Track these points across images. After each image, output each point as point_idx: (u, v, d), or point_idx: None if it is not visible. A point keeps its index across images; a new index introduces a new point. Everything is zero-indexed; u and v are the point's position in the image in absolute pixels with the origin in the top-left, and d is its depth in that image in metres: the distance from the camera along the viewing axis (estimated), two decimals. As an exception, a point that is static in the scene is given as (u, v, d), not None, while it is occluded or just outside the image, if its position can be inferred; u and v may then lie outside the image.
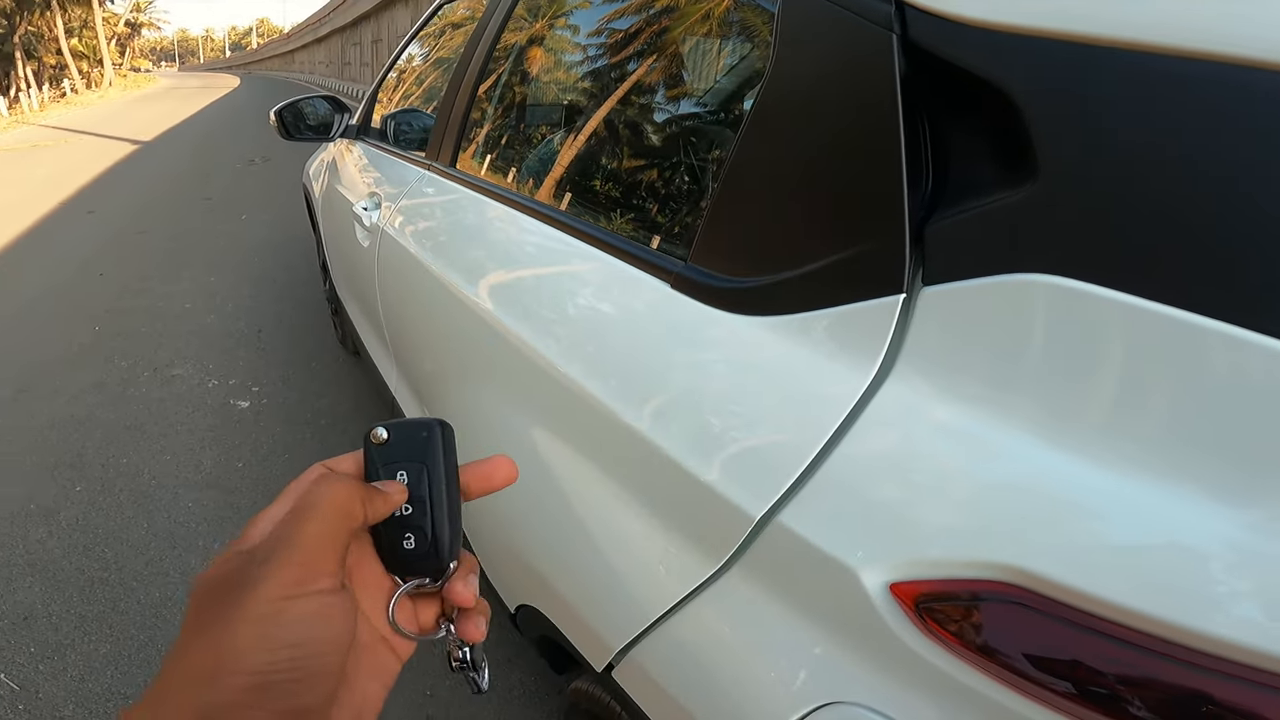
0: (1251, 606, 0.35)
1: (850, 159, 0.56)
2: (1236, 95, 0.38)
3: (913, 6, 0.51)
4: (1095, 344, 0.42)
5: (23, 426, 2.47)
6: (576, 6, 1.35)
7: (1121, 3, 0.43)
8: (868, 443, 0.51)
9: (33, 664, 1.52)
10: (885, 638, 0.47)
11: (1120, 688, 0.38)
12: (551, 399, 0.86)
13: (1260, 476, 0.36)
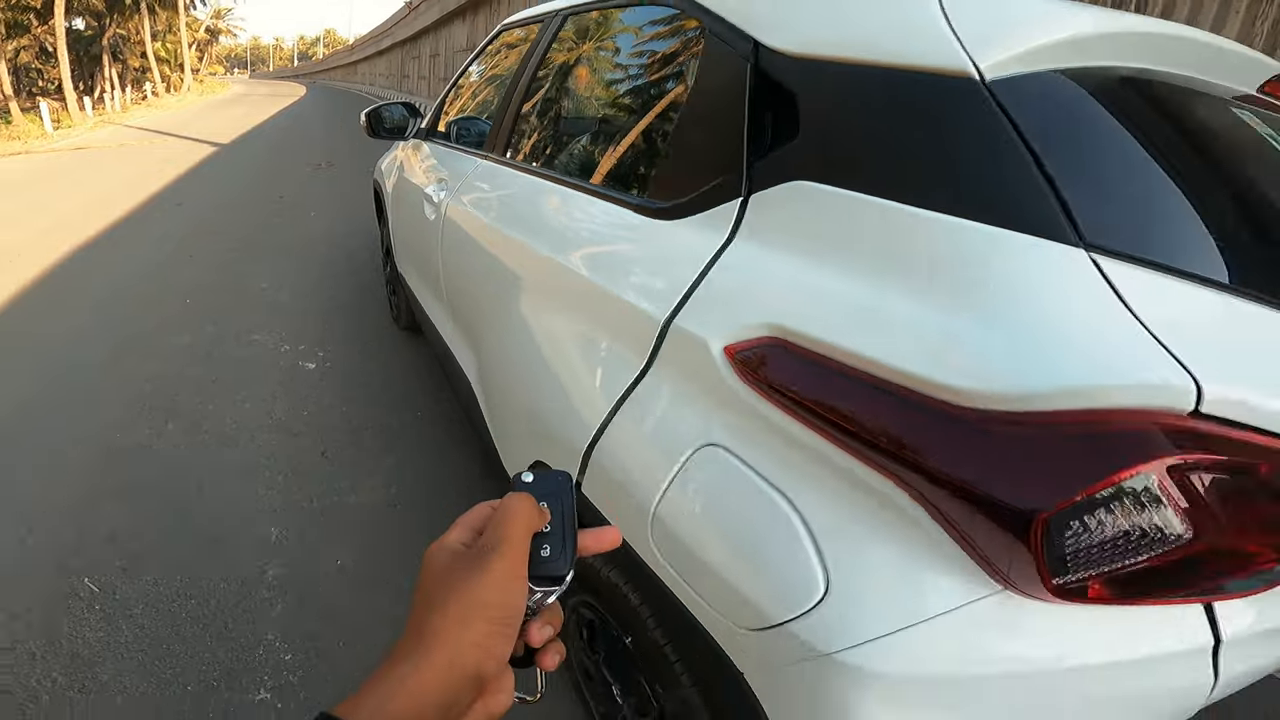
0: (910, 346, 0.67)
1: (723, 133, 0.96)
2: (884, 81, 0.78)
3: (760, 45, 0.93)
4: (825, 210, 0.80)
5: (125, 379, 2.93)
6: (583, 44, 1.75)
7: (839, 39, 0.85)
8: (722, 272, 0.89)
9: (116, 573, 1.81)
10: (727, 392, 0.82)
11: (837, 398, 0.71)
12: (548, 279, 1.31)
13: (921, 278, 0.69)
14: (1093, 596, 0.59)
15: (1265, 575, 0.61)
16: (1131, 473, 0.55)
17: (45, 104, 18.34)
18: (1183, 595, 0.62)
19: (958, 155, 0.71)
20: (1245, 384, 0.57)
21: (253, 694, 1.49)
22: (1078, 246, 0.63)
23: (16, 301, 3.78)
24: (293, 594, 1.77)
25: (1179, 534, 0.56)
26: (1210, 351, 0.58)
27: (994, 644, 0.64)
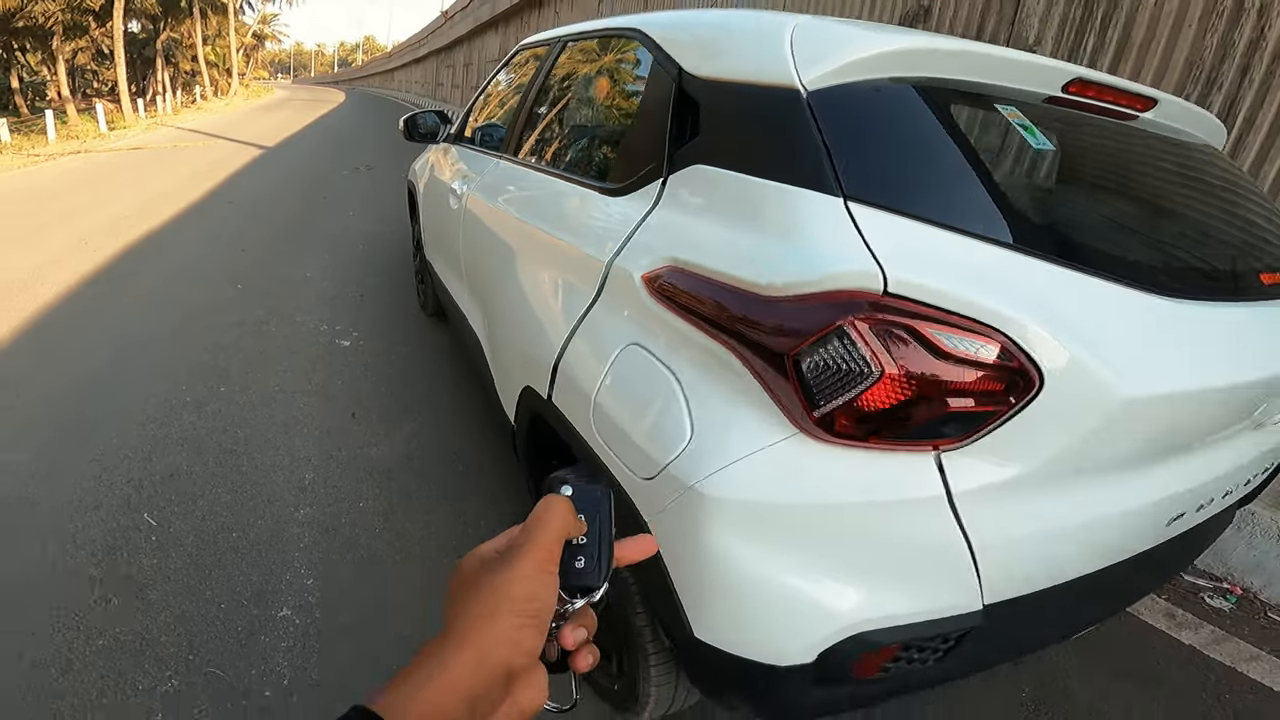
0: (743, 261, 0.99)
1: (655, 132, 1.30)
2: (749, 94, 1.11)
3: (683, 70, 1.28)
4: (710, 183, 1.13)
5: (184, 350, 3.34)
6: (575, 64, 2.12)
7: (728, 65, 1.19)
8: (646, 228, 1.23)
9: (172, 508, 2.13)
10: (644, 304, 1.15)
11: (702, 298, 1.03)
12: (534, 244, 1.71)
13: (754, 220, 1.02)
14: (840, 430, 0.89)
15: (956, 423, 0.88)
16: (837, 325, 0.87)
17: (101, 105, 19.37)
18: (906, 441, 0.90)
19: (784, 143, 1.04)
20: (920, 277, 0.87)
21: (276, 610, 1.78)
22: (838, 197, 0.95)
23: (92, 282, 4.26)
24: (319, 529, 2.10)
25: (874, 371, 0.86)
26: (904, 258, 0.89)
27: (791, 478, 0.93)
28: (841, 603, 0.95)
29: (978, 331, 0.86)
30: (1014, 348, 0.86)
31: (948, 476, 0.91)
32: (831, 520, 0.95)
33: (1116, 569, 1.18)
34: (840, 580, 0.96)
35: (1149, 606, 2.11)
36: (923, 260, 0.90)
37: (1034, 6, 3.38)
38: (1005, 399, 0.87)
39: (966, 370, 0.86)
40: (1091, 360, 0.88)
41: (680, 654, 1.16)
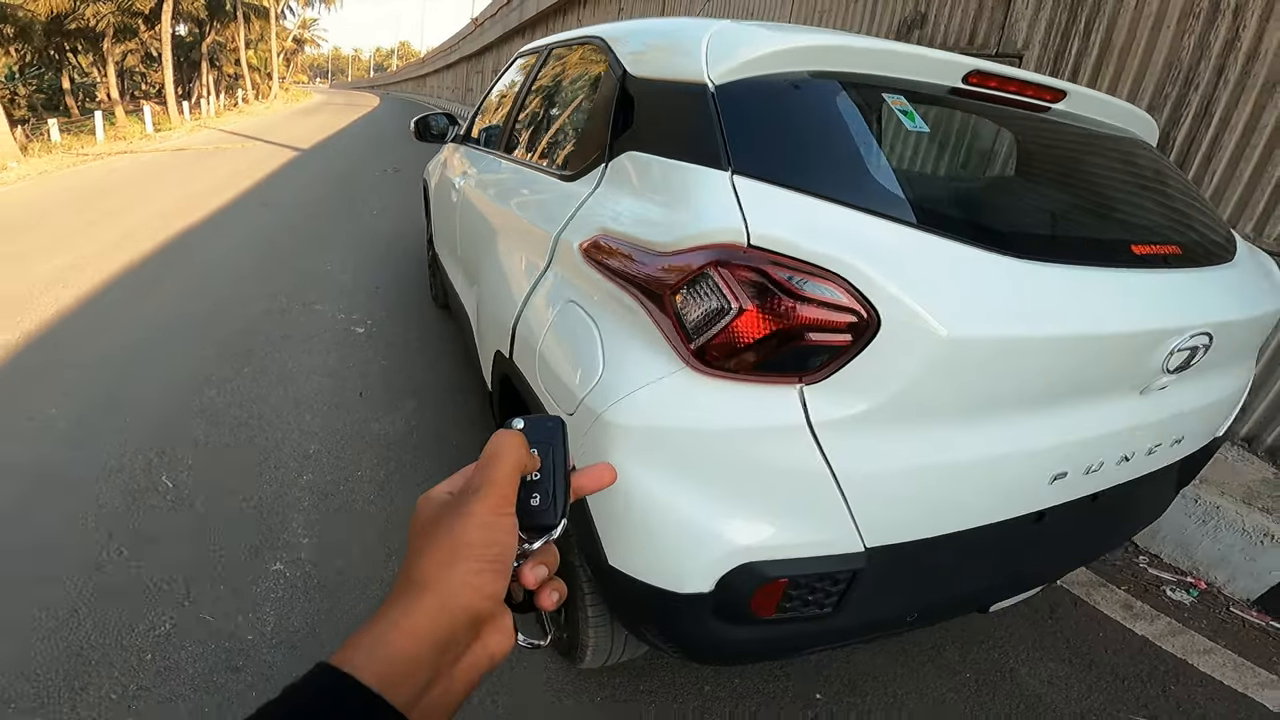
0: (650, 227, 1.17)
1: (601, 125, 1.47)
2: (669, 90, 1.30)
3: (626, 71, 1.46)
4: (637, 165, 1.31)
5: (211, 333, 3.60)
6: (554, 69, 2.31)
7: (657, 66, 1.37)
8: (586, 206, 1.40)
9: (188, 472, 2.35)
10: (580, 268, 1.32)
11: (617, 257, 1.21)
12: (508, 226, 1.92)
13: (663, 193, 1.20)
14: (713, 361, 1.03)
15: (811, 358, 1.02)
16: (703, 269, 1.04)
17: (148, 107, 20.20)
18: (772, 373, 1.04)
19: (694, 130, 1.21)
20: (779, 233, 1.02)
21: (270, 564, 1.96)
22: (726, 171, 1.12)
23: (135, 271, 4.58)
24: (318, 494, 2.30)
25: (733, 307, 1.01)
26: (769, 218, 1.04)
27: (678, 406, 1.08)
28: (730, 530, 1.09)
29: (823, 276, 1.00)
30: (853, 290, 1.00)
31: (809, 407, 1.05)
32: (714, 446, 1.08)
33: (1010, 532, 1.27)
34: (729, 508, 1.09)
35: (1106, 597, 2.16)
36: (785, 220, 1.05)
37: (1022, 12, 3.47)
38: (849, 336, 1.01)
39: (815, 309, 1.00)
40: (921, 304, 1.00)
41: (598, 583, 1.30)
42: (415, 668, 0.35)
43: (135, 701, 1.51)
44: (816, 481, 1.07)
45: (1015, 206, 1.43)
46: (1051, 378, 1.16)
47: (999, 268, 1.09)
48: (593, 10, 12.70)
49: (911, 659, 1.83)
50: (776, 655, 1.54)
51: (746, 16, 6.68)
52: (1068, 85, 1.46)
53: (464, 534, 0.38)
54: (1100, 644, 1.97)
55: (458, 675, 0.37)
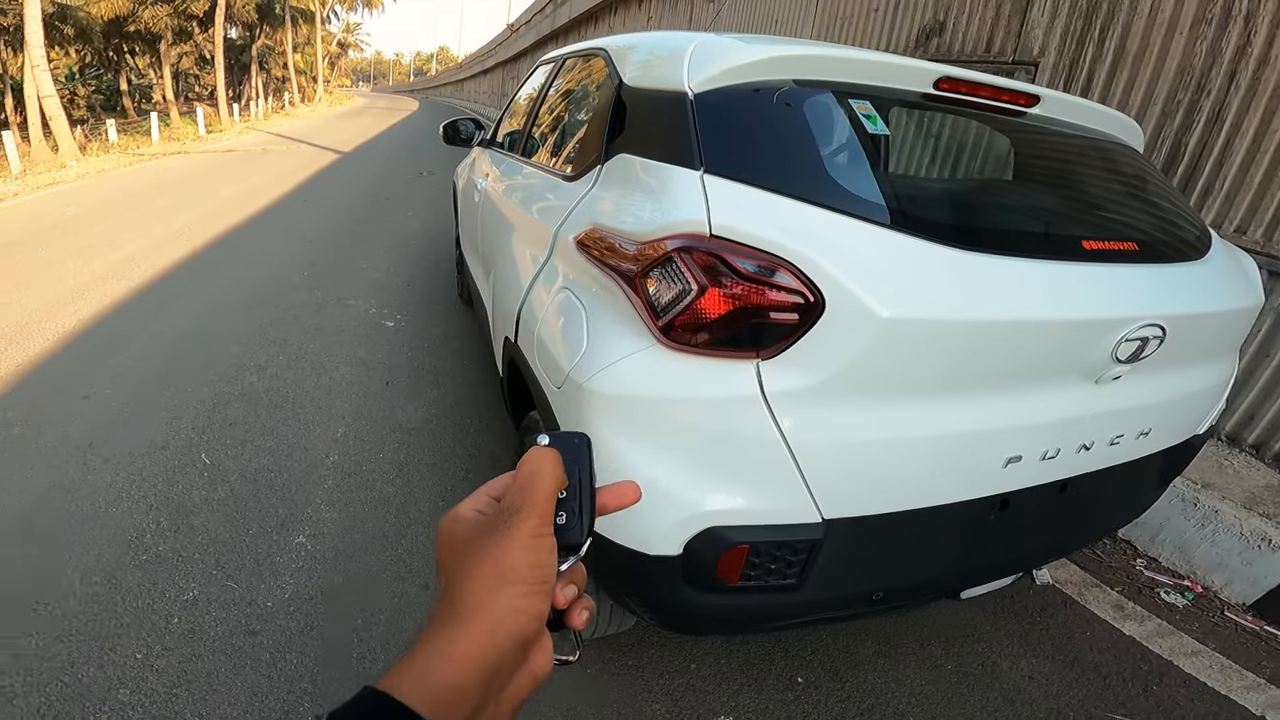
0: (633, 220, 1.30)
1: (596, 131, 1.62)
2: (654, 98, 1.43)
3: (622, 80, 1.61)
4: (626, 166, 1.45)
5: (252, 323, 3.83)
6: (565, 77, 2.46)
7: (646, 76, 1.51)
8: (582, 204, 1.54)
9: (225, 450, 2.55)
10: (575, 259, 1.45)
11: (603, 247, 1.34)
12: (517, 222, 2.08)
13: (645, 190, 1.34)
14: (678, 338, 1.15)
15: (765, 335, 1.12)
16: (668, 254, 1.16)
17: (201, 109, 21.01)
18: (731, 348, 1.14)
19: (672, 133, 1.33)
20: (738, 224, 1.14)
21: (294, 538, 2.11)
22: (698, 170, 1.24)
23: (184, 264, 4.88)
24: (342, 474, 2.46)
25: (693, 288, 1.12)
26: (731, 211, 1.16)
27: (649, 377, 1.19)
28: (696, 495, 1.19)
29: (775, 262, 1.11)
30: (800, 275, 1.10)
31: (764, 381, 1.15)
32: (681, 415, 1.19)
33: (973, 515, 1.34)
34: (693, 475, 1.20)
35: (1098, 597, 2.19)
36: (744, 213, 1.17)
37: (1038, 20, 3.51)
38: (797, 316, 1.12)
39: (766, 291, 1.11)
40: (862, 288, 1.11)
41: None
42: (464, 695, 0.34)
43: (158, 661, 1.65)
44: (773, 451, 1.16)
45: (967, 203, 1.52)
46: (995, 361, 1.24)
47: (941, 257, 1.18)
48: (622, 19, 12.89)
49: (896, 650, 1.89)
50: (748, 627, 1.61)
51: (769, 27, 6.76)
52: (1041, 90, 1.53)
53: (507, 557, 0.38)
54: (1086, 642, 2.00)
55: (504, 700, 0.37)
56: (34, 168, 11.28)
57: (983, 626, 2.01)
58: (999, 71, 3.56)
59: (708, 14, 8.97)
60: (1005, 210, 1.49)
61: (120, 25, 25.53)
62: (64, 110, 13.21)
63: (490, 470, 2.54)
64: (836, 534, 1.22)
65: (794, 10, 6.28)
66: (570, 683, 1.70)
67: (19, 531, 2.05)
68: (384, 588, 1.93)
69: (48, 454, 2.46)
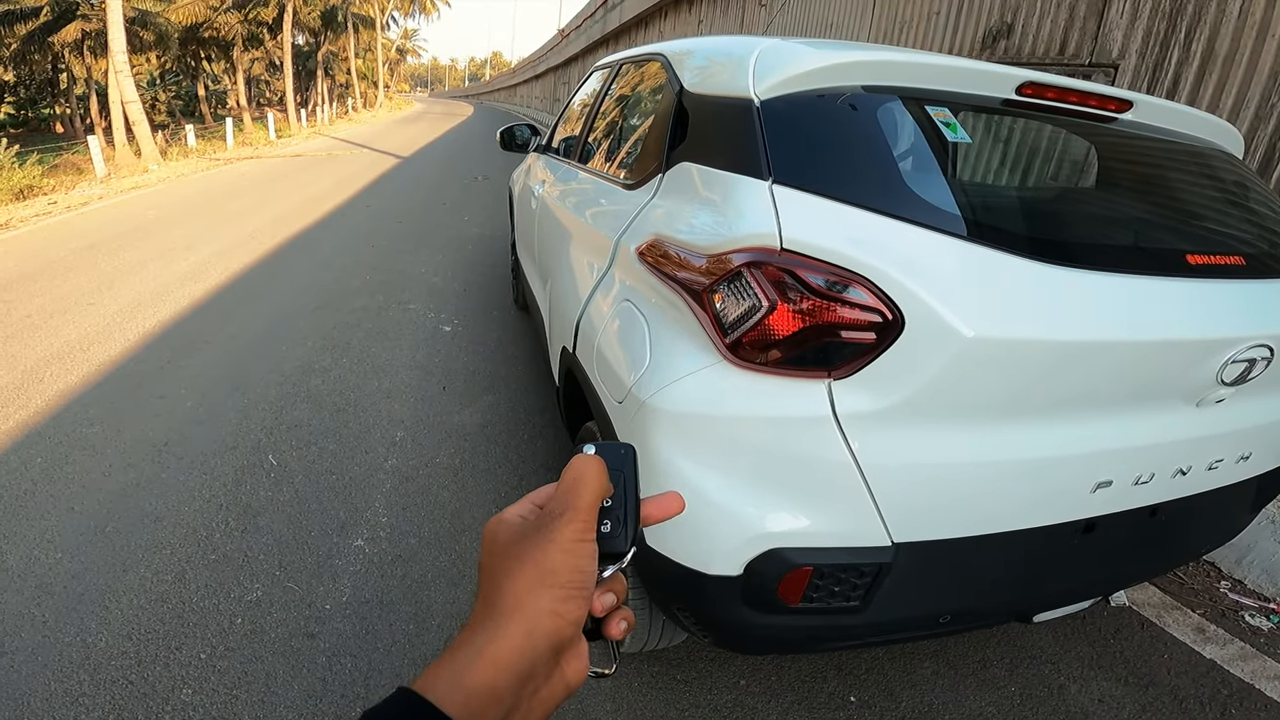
0: (697, 231, 1.28)
1: (657, 139, 1.60)
2: (718, 104, 1.40)
3: (683, 86, 1.59)
4: (688, 174, 1.43)
5: (317, 326, 3.96)
6: (622, 83, 2.45)
7: (709, 82, 1.47)
8: (643, 213, 1.53)
9: (291, 451, 2.64)
10: (636, 270, 1.45)
11: (667, 259, 1.33)
12: (576, 230, 2.10)
13: (708, 200, 1.32)
14: (746, 355, 1.11)
15: (838, 354, 1.08)
16: (738, 270, 1.13)
17: (272, 114, 21.93)
18: (802, 368, 1.11)
19: (737, 142, 1.30)
20: (810, 238, 1.10)
21: (353, 540, 2.16)
22: (766, 180, 1.20)
23: (256, 267, 5.10)
24: (400, 477, 2.51)
25: (763, 305, 1.09)
26: (803, 224, 1.12)
27: (714, 396, 1.16)
28: (759, 516, 1.16)
29: (851, 278, 1.07)
30: (878, 291, 1.06)
31: (836, 401, 1.11)
32: (747, 434, 1.17)
33: (1054, 540, 1.27)
34: (758, 495, 1.17)
35: (1178, 619, 2.08)
36: (817, 225, 1.13)
37: (1117, 21, 3.34)
38: (874, 335, 1.07)
39: (841, 309, 1.07)
40: (945, 305, 1.05)
41: (639, 566, 1.40)
42: (497, 697, 0.34)
43: (221, 661, 1.70)
44: (843, 473, 1.12)
45: (1052, 215, 1.44)
46: (1088, 384, 1.17)
47: (1030, 273, 1.12)
48: (673, 24, 12.87)
49: (956, 670, 1.82)
50: (805, 647, 1.58)
51: (824, 32, 6.64)
52: (1134, 95, 1.44)
53: (548, 559, 0.38)
54: (1163, 665, 1.90)
55: (536, 705, 0.37)
56: (118, 171, 11.97)
57: (1050, 648, 1.92)
58: (1075, 74, 3.40)
59: (760, 18, 8.88)
60: (1095, 222, 1.40)
61: (196, 31, 26.87)
62: (146, 115, 13.96)
63: (544, 477, 2.55)
64: (906, 557, 1.18)
65: (850, 14, 6.15)
66: (617, 696, 1.69)
67: (97, 528, 2.16)
68: (438, 593, 1.96)
69: (126, 452, 2.58)
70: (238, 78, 31.11)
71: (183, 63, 30.08)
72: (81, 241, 5.91)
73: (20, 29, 21.82)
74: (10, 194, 9.48)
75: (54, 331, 3.74)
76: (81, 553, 2.04)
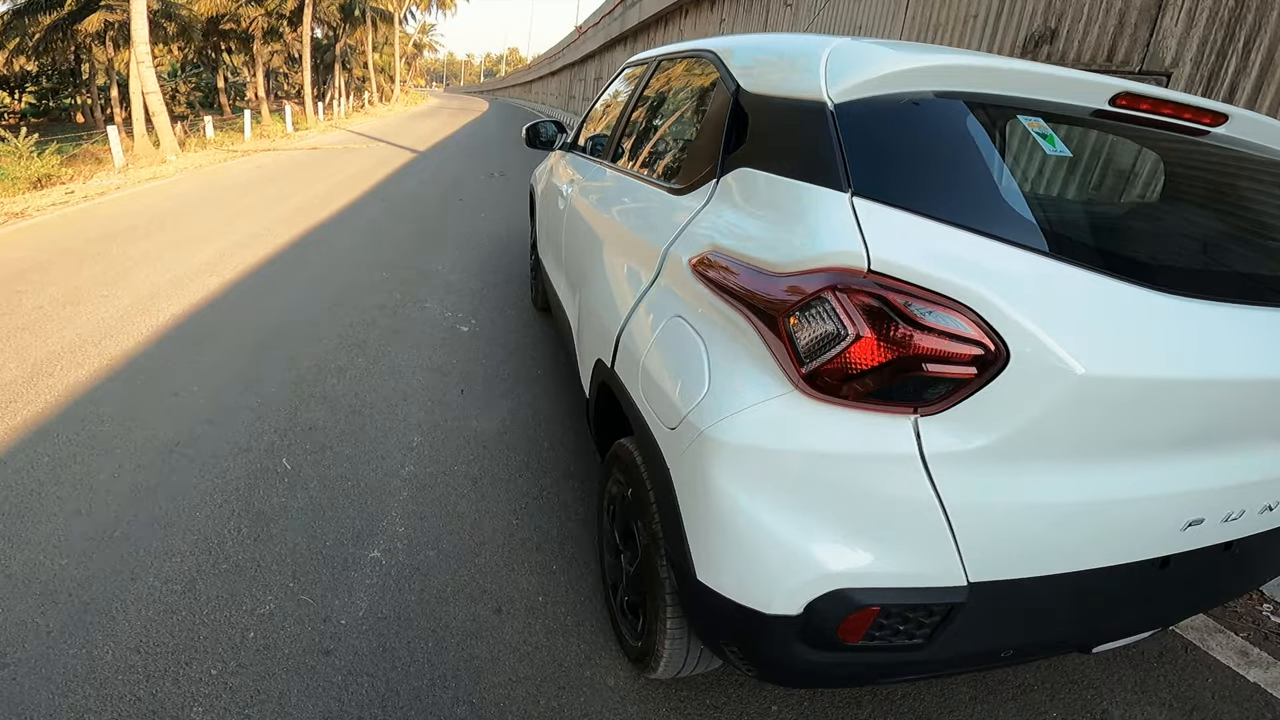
0: (762, 245, 1.18)
1: (709, 142, 1.49)
2: (785, 106, 1.28)
3: (740, 86, 1.47)
4: (748, 181, 1.32)
5: (335, 323, 3.88)
6: (662, 81, 2.34)
7: (773, 82, 1.36)
8: (698, 223, 1.41)
9: (305, 455, 2.54)
10: (688, 283, 1.34)
11: (728, 274, 1.22)
12: (614, 236, 1.99)
13: (776, 211, 1.21)
14: (825, 387, 1.01)
15: (930, 389, 0.98)
16: (820, 293, 1.03)
17: (290, 107, 22.00)
18: (885, 402, 1.01)
19: (808, 147, 1.20)
20: (902, 259, 0.99)
21: (368, 551, 2.07)
22: (845, 192, 1.10)
23: (271, 261, 5.04)
24: (417, 486, 2.42)
25: (849, 333, 0.99)
26: (892, 243, 1.02)
27: (784, 429, 1.07)
28: (825, 555, 1.07)
29: (949, 306, 0.97)
30: (982, 322, 0.96)
31: (923, 439, 1.02)
32: (818, 472, 1.07)
33: (1131, 575, 1.20)
34: (826, 533, 1.08)
35: (1221, 643, 2.01)
36: (908, 245, 1.02)
37: (1170, 29, 3.21)
38: (975, 369, 0.97)
39: (937, 340, 0.97)
40: (1055, 339, 0.95)
41: (682, 596, 1.31)
42: None
43: (232, 678, 1.62)
44: (923, 513, 1.04)
45: (1162, 237, 1.34)
46: (1196, 422, 1.09)
47: (1143, 303, 1.03)
48: (693, 21, 12.77)
49: (995, 695, 1.75)
50: (856, 682, 1.51)
51: (852, 34, 6.52)
52: (1231, 109, 1.34)
53: None
54: (1207, 689, 1.84)
55: None
56: (136, 162, 11.99)
57: (1092, 672, 1.84)
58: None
59: (785, 18, 8.76)
60: (1204, 246, 1.30)
61: (217, 23, 27.04)
62: (166, 106, 13.99)
63: (565, 487, 2.46)
64: (979, 596, 1.10)
65: (880, 16, 6.03)
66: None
67: (105, 533, 2.08)
68: (456, 609, 1.87)
69: (136, 452, 2.51)
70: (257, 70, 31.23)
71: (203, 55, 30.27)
72: (97, 231, 5.88)
73: (44, 19, 22.00)
74: (28, 183, 9.50)
75: (66, 323, 3.68)
76: (88, 559, 1.96)
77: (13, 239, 5.63)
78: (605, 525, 1.86)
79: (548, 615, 1.88)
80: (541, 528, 2.25)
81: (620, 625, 1.76)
